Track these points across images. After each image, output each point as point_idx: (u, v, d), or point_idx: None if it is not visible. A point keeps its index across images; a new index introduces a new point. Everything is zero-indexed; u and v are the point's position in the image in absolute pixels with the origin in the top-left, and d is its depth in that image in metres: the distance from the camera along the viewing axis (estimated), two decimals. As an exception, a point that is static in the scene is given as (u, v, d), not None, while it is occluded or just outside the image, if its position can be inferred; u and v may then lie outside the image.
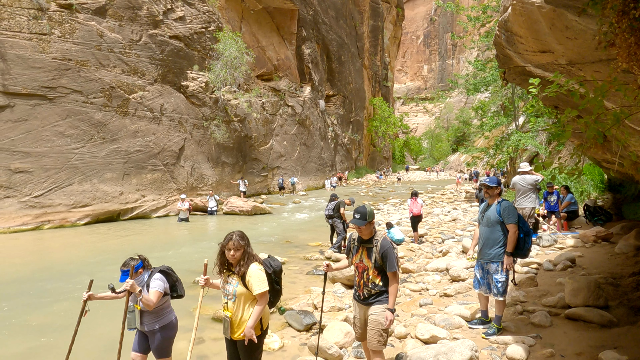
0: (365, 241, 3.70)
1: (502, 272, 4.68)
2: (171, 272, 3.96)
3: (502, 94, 31.03)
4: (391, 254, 3.55)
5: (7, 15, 13.94)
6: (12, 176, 13.32)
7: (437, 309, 5.88)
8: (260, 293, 3.20)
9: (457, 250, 9.30)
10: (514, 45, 3.81)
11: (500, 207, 4.73)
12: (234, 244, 3.26)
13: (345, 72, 41.93)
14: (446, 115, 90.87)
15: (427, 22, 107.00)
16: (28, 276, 8.26)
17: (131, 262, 3.73)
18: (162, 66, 18.41)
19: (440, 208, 18.65)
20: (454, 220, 14.83)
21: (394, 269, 3.56)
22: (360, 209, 3.68)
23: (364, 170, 47.87)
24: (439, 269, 7.92)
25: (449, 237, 11.37)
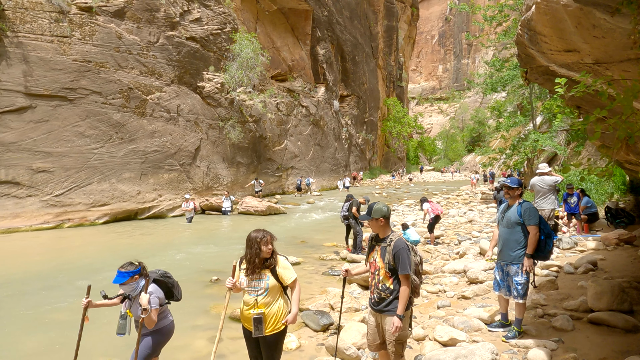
0: (380, 240, 3.61)
1: (522, 274, 4.61)
2: (166, 278, 3.87)
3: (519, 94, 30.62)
4: (404, 255, 3.38)
5: (29, 19, 14.27)
6: (34, 175, 13.63)
7: (455, 311, 5.82)
8: (294, 280, 3.44)
9: (475, 252, 9.21)
10: (537, 44, 3.75)
11: (521, 208, 4.66)
12: (271, 237, 3.43)
13: (360, 73, 41.83)
14: (461, 115, 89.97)
15: (442, 22, 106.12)
16: (48, 273, 8.43)
17: (128, 267, 3.65)
18: (178, 67, 18.63)
19: (456, 209, 18.47)
20: (470, 222, 14.67)
21: (406, 271, 3.38)
22: (369, 204, 3.65)
23: (378, 170, 47.69)
24: (456, 271, 7.84)
25: (466, 238, 11.26)
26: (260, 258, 3.40)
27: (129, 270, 3.59)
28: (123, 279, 3.54)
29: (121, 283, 3.56)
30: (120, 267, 3.60)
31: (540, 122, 27.88)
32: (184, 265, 9.30)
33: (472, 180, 29.92)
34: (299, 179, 27.34)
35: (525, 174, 23.80)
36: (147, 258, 9.53)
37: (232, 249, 11.07)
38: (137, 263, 3.71)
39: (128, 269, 3.60)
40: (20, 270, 8.61)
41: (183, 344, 5.40)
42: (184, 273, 8.55)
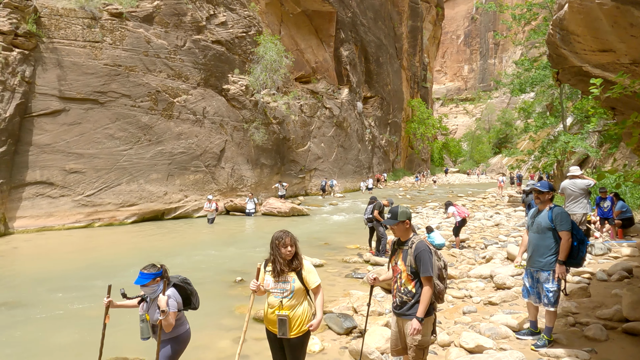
0: (402, 243, 3.58)
1: (553, 281, 4.47)
2: (186, 284, 3.83)
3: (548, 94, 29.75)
4: (426, 256, 3.33)
5: (63, 25, 14.82)
6: (67, 176, 14.13)
7: (482, 317, 5.69)
8: (318, 285, 3.43)
9: (502, 256, 8.98)
10: (570, 44, 3.63)
11: (552, 213, 4.52)
12: (291, 239, 3.39)
13: (383, 74, 41.56)
14: (487, 116, 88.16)
15: (468, 21, 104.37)
16: (80, 271, 8.71)
17: (151, 269, 3.62)
18: (204, 70, 18.96)
19: (482, 212, 18.09)
20: (497, 225, 14.34)
21: (428, 274, 3.32)
22: (393, 208, 3.61)
23: (402, 172, 47.22)
24: (482, 276, 7.67)
25: (492, 242, 11.01)
26: (282, 259, 3.40)
27: (151, 272, 3.56)
28: (145, 280, 3.53)
29: (142, 284, 3.54)
30: (143, 269, 3.59)
31: (571, 123, 27.03)
32: (208, 265, 9.43)
33: (500, 183, 29.20)
34: (323, 181, 27.37)
35: (554, 177, 23.11)
36: (173, 258, 9.75)
37: (255, 250, 11.17)
38: (159, 265, 3.68)
39: (150, 271, 3.58)
40: (54, 268, 8.92)
41: (207, 343, 5.48)
42: (208, 274, 8.69)
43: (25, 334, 5.59)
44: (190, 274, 8.65)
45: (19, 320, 6.01)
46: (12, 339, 5.40)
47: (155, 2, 17.42)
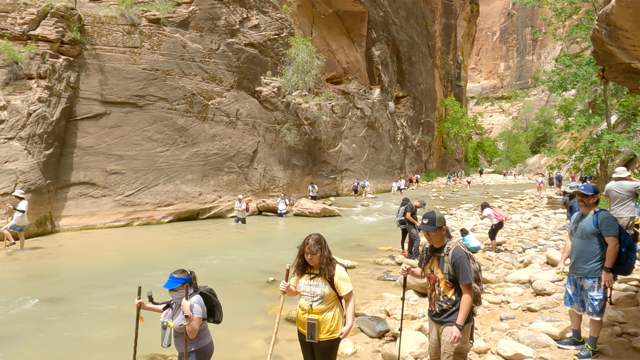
0: (436, 250, 3.49)
1: (599, 289, 4.26)
2: (212, 295, 3.76)
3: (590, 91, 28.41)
4: (464, 263, 3.26)
5: (105, 32, 15.45)
6: (108, 177, 14.72)
7: (520, 324, 5.50)
8: (349, 292, 3.39)
9: (541, 261, 8.66)
10: (617, 40, 3.44)
11: (598, 217, 4.30)
12: (310, 248, 3.36)
13: (416, 73, 40.98)
14: (525, 114, 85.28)
15: (504, 17, 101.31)
16: (120, 269, 9.04)
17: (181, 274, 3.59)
18: (238, 73, 19.30)
19: (520, 214, 17.50)
20: (536, 228, 13.83)
21: (468, 281, 3.25)
22: (429, 213, 3.51)
23: (435, 173, 46.40)
24: (520, 281, 7.41)
25: (530, 246, 10.63)
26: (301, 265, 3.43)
27: (180, 277, 3.54)
28: (174, 285, 3.50)
29: (171, 288, 3.51)
30: (173, 273, 3.58)
31: (616, 121, 25.69)
32: (241, 265, 9.58)
33: (539, 184, 28.16)
34: (355, 181, 27.29)
35: (597, 178, 22.04)
36: (207, 257, 9.95)
37: (287, 250, 11.24)
38: (189, 272, 3.66)
39: (180, 276, 3.55)
40: (96, 266, 9.31)
41: (241, 342, 5.57)
42: (241, 273, 8.82)
43: (68, 329, 5.85)
44: (224, 273, 8.86)
45: (63, 316, 6.30)
46: (56, 334, 5.66)
47: (191, 7, 17.89)
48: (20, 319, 6.10)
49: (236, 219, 15.77)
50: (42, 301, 6.84)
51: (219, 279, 8.33)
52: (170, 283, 3.52)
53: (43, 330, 5.75)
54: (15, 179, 12.14)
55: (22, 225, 10.73)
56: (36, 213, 12.44)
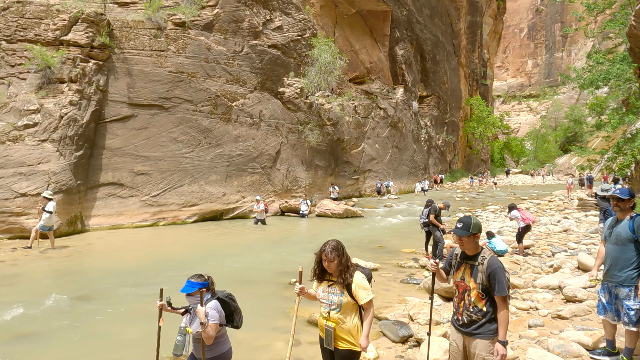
0: (469, 257, 3.33)
1: (635, 298, 4.06)
2: (230, 300, 3.72)
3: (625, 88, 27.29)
4: (501, 274, 3.11)
5: (133, 36, 15.83)
6: (135, 178, 15.07)
7: (550, 332, 5.31)
8: (368, 301, 3.27)
9: (572, 266, 8.35)
10: (656, 36, 3.26)
11: (634, 223, 4.10)
12: (327, 255, 3.28)
13: (440, 72, 40.36)
14: (554, 113, 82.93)
15: (532, 13, 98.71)
16: (147, 268, 9.23)
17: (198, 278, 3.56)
18: (261, 74, 19.44)
19: (549, 217, 16.97)
20: (566, 231, 13.36)
21: (504, 293, 3.10)
22: (464, 218, 3.37)
23: (459, 173, 45.58)
24: (549, 286, 7.16)
25: (560, 250, 10.28)
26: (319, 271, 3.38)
27: (197, 282, 3.52)
28: (191, 289, 3.48)
29: (188, 293, 3.50)
30: (191, 277, 3.55)
31: (652, 119, 24.58)
32: (263, 266, 9.61)
33: (569, 185, 27.24)
34: (379, 182, 27.07)
35: (632, 179, 21.15)
36: (229, 257, 10.03)
37: (309, 252, 11.23)
38: (206, 277, 3.63)
39: (197, 280, 3.53)
40: (123, 265, 9.53)
41: (263, 345, 5.57)
42: (263, 274, 8.86)
43: (95, 327, 5.99)
44: (246, 274, 8.91)
45: (91, 314, 6.46)
46: (84, 332, 5.81)
47: (215, 10, 18.13)
48: (50, 317, 6.29)
49: (255, 220, 15.88)
50: (70, 299, 7.04)
51: (240, 279, 8.41)
52: (186, 287, 3.50)
53: (71, 328, 5.91)
54: (48, 179, 12.57)
55: (50, 225, 11.05)
56: (67, 213, 12.85)
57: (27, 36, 14.23)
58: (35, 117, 13.17)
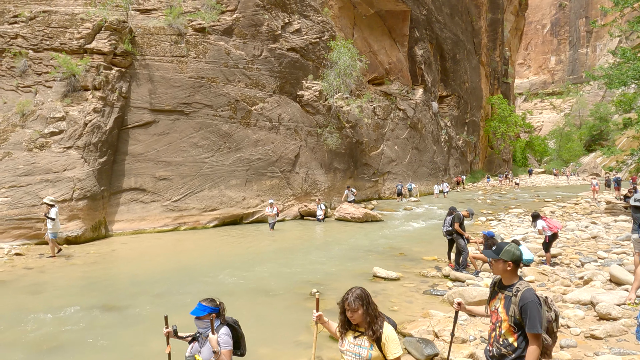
0: (504, 287, 3.17)
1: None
2: (237, 326, 3.64)
3: (655, 86, 26.28)
4: (534, 309, 2.90)
5: (154, 43, 16.03)
6: (157, 183, 15.26)
7: (584, 354, 5.09)
8: (398, 357, 2.98)
9: (603, 278, 8.03)
10: None
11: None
12: (350, 304, 2.94)
13: (460, 71, 39.73)
14: (578, 111, 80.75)
15: (556, 9, 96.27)
16: (169, 275, 9.29)
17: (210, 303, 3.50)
18: (280, 78, 19.44)
19: (575, 221, 16.46)
20: (594, 238, 12.90)
21: (535, 330, 2.89)
22: (502, 243, 3.22)
23: (480, 174, 44.79)
24: (581, 301, 6.90)
25: (590, 260, 9.91)
26: (343, 322, 3.05)
27: (209, 306, 3.44)
28: (201, 313, 3.41)
29: (198, 316, 3.43)
30: (202, 300, 3.49)
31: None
32: (283, 274, 9.56)
33: (594, 187, 26.36)
34: (399, 185, 26.77)
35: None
36: (249, 266, 9.99)
37: (328, 260, 11.16)
38: (218, 302, 3.56)
39: (208, 304, 3.45)
40: (146, 272, 9.63)
41: (287, 361, 5.52)
42: (284, 283, 8.79)
43: (119, 339, 6.03)
44: (266, 283, 8.89)
45: (114, 324, 6.53)
46: (108, 344, 5.86)
47: (235, 15, 18.21)
48: (75, 327, 6.37)
49: (271, 225, 15.75)
50: (95, 309, 7.14)
51: (261, 289, 8.38)
52: (197, 310, 3.42)
53: (95, 339, 5.97)
54: (73, 186, 12.82)
55: (55, 231, 10.92)
56: (91, 218, 13.10)
57: (53, 45, 14.56)
58: (61, 125, 13.46)
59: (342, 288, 8.55)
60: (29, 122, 13.38)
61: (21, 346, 5.73)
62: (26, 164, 12.66)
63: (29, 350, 5.60)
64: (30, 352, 5.57)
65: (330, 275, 9.44)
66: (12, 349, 5.62)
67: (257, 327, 6.47)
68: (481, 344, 5.62)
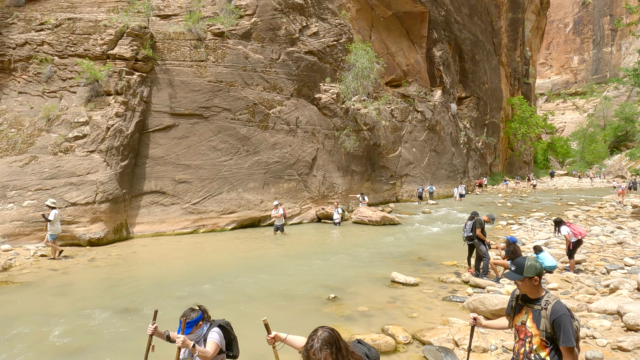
0: (531, 300, 3.11)
1: None
2: (230, 328, 3.65)
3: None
4: (567, 322, 2.87)
5: (174, 47, 16.29)
6: (177, 186, 15.48)
7: (611, 366, 4.94)
8: None
9: (630, 287, 7.79)
10: None
11: None
12: (315, 355, 2.35)
13: (480, 72, 39.17)
14: (602, 111, 78.75)
15: (579, 7, 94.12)
16: (189, 278, 9.40)
17: (191, 314, 3.53)
18: (297, 81, 19.52)
19: (600, 226, 16.01)
20: (620, 244, 12.54)
21: (570, 344, 2.85)
22: (519, 259, 3.12)
23: (500, 176, 44.05)
24: (607, 311, 6.69)
25: (616, 267, 9.62)
26: None
27: (193, 319, 3.49)
28: (189, 330, 3.47)
29: (188, 333, 3.46)
30: (183, 317, 3.49)
31: None
32: (300, 278, 9.55)
33: (621, 190, 25.61)
34: (420, 188, 26.58)
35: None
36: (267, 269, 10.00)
37: (345, 263, 11.12)
38: (197, 307, 3.59)
39: (192, 318, 3.50)
40: (166, 274, 9.77)
41: (305, 367, 5.50)
42: (301, 287, 8.78)
43: (139, 343, 6.11)
44: (284, 287, 8.89)
45: (137, 327, 6.62)
46: (129, 347, 5.94)
47: (253, 19, 18.37)
48: (97, 330, 6.49)
49: (275, 227, 15.26)
50: (117, 311, 7.26)
51: (279, 293, 8.40)
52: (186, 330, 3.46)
53: (117, 343, 6.07)
54: (96, 189, 13.11)
55: (55, 233, 11.04)
56: (113, 221, 13.37)
57: (77, 51, 14.94)
58: (85, 129, 13.79)
59: (360, 293, 8.53)
60: (54, 127, 13.76)
61: (47, 347, 5.87)
62: (51, 167, 13.01)
63: (54, 352, 5.74)
64: (56, 354, 5.70)
65: (348, 280, 9.40)
66: (37, 351, 5.77)
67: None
68: (503, 354, 5.51)
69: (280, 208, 15.34)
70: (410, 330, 6.43)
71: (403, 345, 5.98)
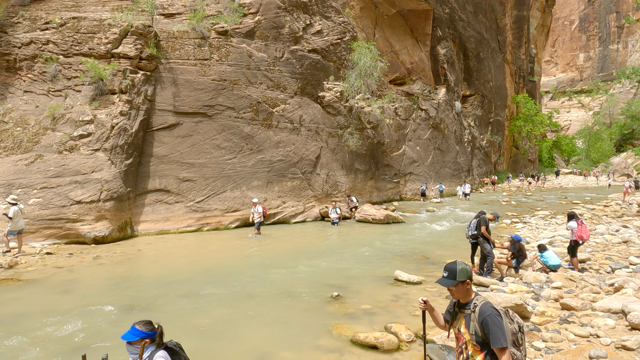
0: (463, 305, 3.01)
1: None
2: (179, 350, 3.32)
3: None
4: (494, 322, 2.75)
5: (178, 46, 16.32)
6: (181, 184, 15.54)
7: (615, 365, 4.92)
8: None
9: (635, 285, 7.74)
10: None
11: None
12: None
13: (484, 70, 38.99)
14: (608, 109, 78.22)
15: (584, 4, 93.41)
16: (193, 276, 9.45)
17: (144, 325, 3.21)
18: (301, 79, 19.51)
19: (605, 225, 15.92)
20: (625, 243, 12.47)
21: (500, 344, 2.72)
22: (450, 264, 3.06)
23: (504, 174, 43.86)
24: (611, 310, 6.67)
25: (621, 266, 9.57)
26: None
27: (142, 330, 3.14)
28: (133, 337, 3.12)
29: (129, 341, 3.13)
30: (136, 323, 3.19)
31: None
32: (303, 277, 9.56)
33: (626, 189, 25.45)
34: (423, 185, 26.71)
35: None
36: (269, 267, 10.03)
37: (349, 262, 11.12)
38: (156, 325, 3.26)
39: (142, 328, 3.15)
40: (170, 272, 9.81)
41: (308, 365, 5.52)
42: (304, 286, 8.79)
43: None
44: (287, 285, 8.92)
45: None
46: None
47: (257, 18, 18.38)
48: (103, 327, 6.54)
49: (256, 225, 14.71)
50: (121, 310, 7.31)
51: (281, 291, 8.42)
52: (128, 334, 3.13)
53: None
54: (101, 187, 13.18)
55: (16, 230, 11.04)
56: (118, 219, 13.44)
57: (82, 50, 15.01)
58: (89, 128, 13.86)
59: (363, 291, 8.53)
60: (59, 125, 13.84)
61: (52, 344, 5.92)
62: (56, 165, 13.09)
63: (59, 349, 5.79)
64: (61, 351, 5.75)
65: (352, 279, 9.41)
66: (42, 348, 5.82)
67: (277, 330, 6.52)
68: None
69: (259, 206, 14.83)
70: (413, 328, 6.43)
71: (406, 343, 5.99)
